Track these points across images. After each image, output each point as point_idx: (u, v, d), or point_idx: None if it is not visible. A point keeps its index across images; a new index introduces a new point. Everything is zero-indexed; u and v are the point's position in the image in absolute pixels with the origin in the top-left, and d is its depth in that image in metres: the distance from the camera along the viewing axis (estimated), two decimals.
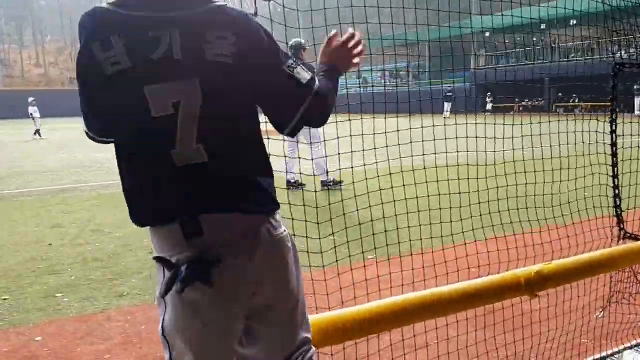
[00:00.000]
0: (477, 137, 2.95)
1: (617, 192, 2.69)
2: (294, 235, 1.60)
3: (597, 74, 3.96)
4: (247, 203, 1.40)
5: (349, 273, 2.49)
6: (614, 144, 2.62)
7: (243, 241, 1.37)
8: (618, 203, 2.70)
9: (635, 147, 3.17)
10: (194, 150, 1.33)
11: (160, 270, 1.38)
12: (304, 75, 1.48)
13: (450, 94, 33.76)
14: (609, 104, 2.66)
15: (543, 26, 34.49)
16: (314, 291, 2.18)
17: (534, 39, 37.04)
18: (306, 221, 2.31)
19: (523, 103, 34.67)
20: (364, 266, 2.41)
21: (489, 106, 35.30)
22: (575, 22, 33.20)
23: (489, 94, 35.67)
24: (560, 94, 35.38)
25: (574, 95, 34.21)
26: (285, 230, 1.50)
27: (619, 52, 2.71)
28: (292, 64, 1.47)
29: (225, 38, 1.34)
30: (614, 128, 2.59)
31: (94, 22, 1.32)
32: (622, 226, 2.71)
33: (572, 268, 2.38)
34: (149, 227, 1.41)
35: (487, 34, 38.50)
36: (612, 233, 2.77)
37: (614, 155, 2.64)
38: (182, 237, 1.33)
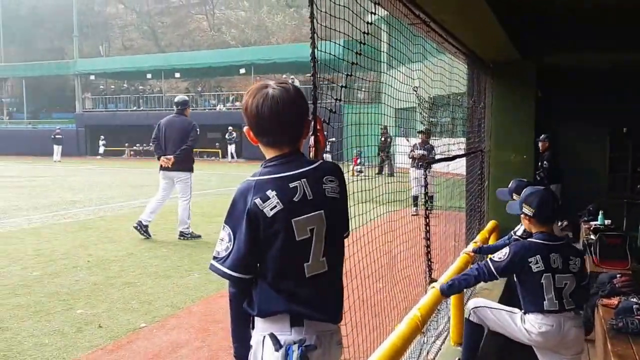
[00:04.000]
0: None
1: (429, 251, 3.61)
2: None
3: None
4: (335, 316, 1.96)
5: None
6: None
7: (327, 339, 1.91)
8: (430, 257, 3.65)
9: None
10: (320, 263, 1.87)
11: (260, 345, 1.85)
12: None
13: (60, 136, 31.29)
14: None
15: (149, 76, 36.18)
16: None
17: (141, 87, 38.37)
18: None
19: (134, 147, 35.12)
20: None
21: (101, 150, 34.58)
22: (179, 75, 35.71)
23: (102, 137, 34.88)
24: None
25: None
26: None
27: None
28: None
29: (333, 181, 1.94)
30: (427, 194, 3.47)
31: (254, 187, 1.83)
32: (430, 272, 3.67)
33: (429, 308, 3.10)
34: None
35: (93, 77, 37.79)
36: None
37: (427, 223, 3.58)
38: (289, 325, 1.84)
